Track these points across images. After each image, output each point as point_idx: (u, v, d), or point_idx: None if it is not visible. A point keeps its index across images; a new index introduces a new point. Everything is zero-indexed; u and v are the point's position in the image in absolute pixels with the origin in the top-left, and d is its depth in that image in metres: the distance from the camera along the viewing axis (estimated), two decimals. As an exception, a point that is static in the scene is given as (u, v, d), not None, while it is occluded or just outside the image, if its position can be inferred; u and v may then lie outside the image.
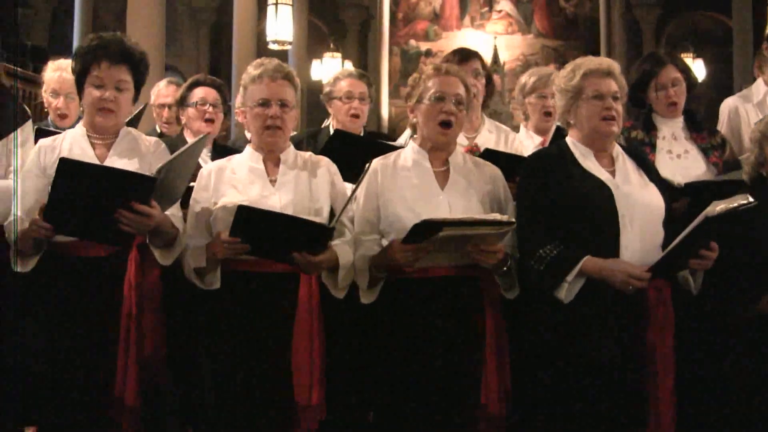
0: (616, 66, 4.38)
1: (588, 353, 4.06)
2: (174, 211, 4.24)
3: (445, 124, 4.27)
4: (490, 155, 4.73)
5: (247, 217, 3.88)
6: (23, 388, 4.37)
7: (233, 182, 4.27)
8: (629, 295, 4.06)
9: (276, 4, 13.46)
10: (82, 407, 4.09)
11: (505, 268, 4.17)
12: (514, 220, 4.04)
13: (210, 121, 5.68)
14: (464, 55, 5.54)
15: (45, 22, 22.16)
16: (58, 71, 5.73)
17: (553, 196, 4.20)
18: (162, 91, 6.99)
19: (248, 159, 4.36)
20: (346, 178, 4.60)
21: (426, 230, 3.88)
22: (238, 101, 5.45)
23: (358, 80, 5.88)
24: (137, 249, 4.13)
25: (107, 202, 3.88)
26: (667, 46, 21.04)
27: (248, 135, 5.44)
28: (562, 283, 4.09)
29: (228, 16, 18.25)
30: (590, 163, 4.29)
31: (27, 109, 4.58)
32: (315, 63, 20.66)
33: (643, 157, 4.54)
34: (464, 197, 4.26)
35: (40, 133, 4.71)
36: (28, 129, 4.66)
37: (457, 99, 4.28)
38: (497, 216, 4.01)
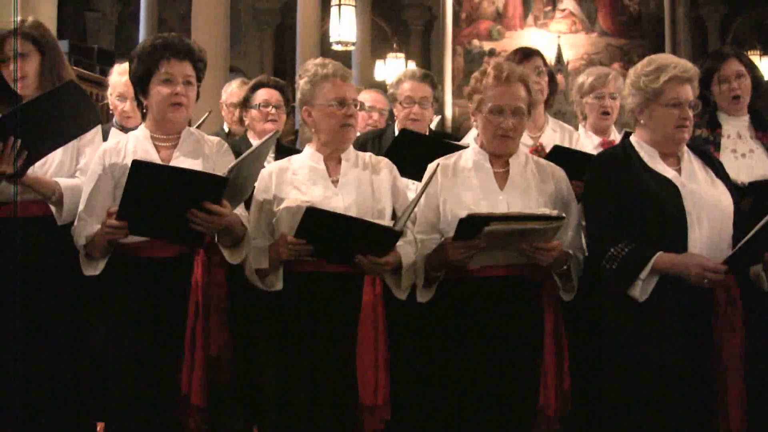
0: (696, 72, 4.30)
1: (655, 354, 4.03)
2: (240, 211, 4.26)
3: (503, 137, 4.26)
4: (559, 152, 4.72)
5: (314, 220, 3.89)
6: (93, 385, 4.44)
7: (295, 183, 4.28)
8: (697, 296, 4.03)
9: (339, 5, 13.51)
10: (149, 405, 4.13)
11: (564, 267, 4.15)
12: (564, 215, 4.01)
13: (273, 122, 5.71)
14: (525, 54, 5.50)
15: (111, 25, 22.42)
16: (124, 75, 5.77)
17: (621, 197, 4.16)
18: (235, 91, 7.05)
19: (309, 159, 4.37)
20: (411, 177, 4.62)
21: (473, 225, 3.88)
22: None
23: (420, 83, 5.85)
24: (204, 250, 4.16)
25: (179, 202, 3.91)
26: (733, 44, 20.77)
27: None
28: (635, 281, 4.05)
29: (292, 17, 18.36)
30: (656, 163, 4.25)
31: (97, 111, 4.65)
32: (378, 63, 20.71)
33: (709, 155, 4.49)
34: (524, 198, 4.24)
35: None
36: (98, 127, 4.73)
37: (516, 111, 4.24)
38: (545, 210, 4.00)
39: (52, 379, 4.49)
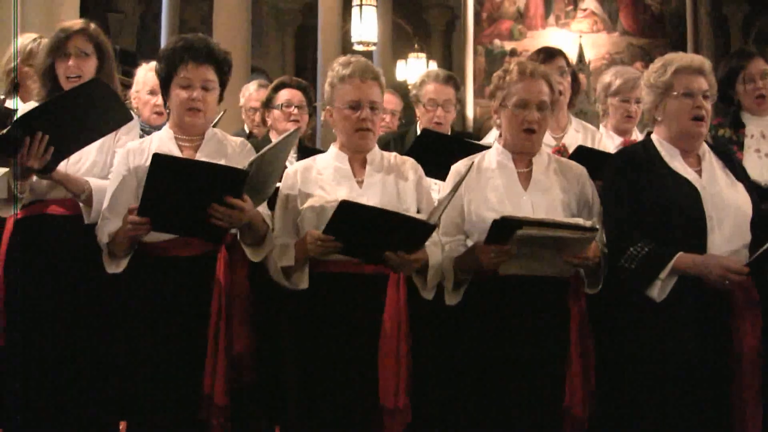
0: (707, 63, 4.32)
1: (674, 354, 4.03)
2: (262, 209, 4.26)
3: (529, 131, 4.26)
4: (582, 153, 4.71)
5: (348, 213, 3.85)
6: (117, 384, 4.45)
7: (320, 183, 4.28)
8: (714, 297, 4.03)
9: (360, 5, 13.52)
10: (171, 405, 4.14)
11: (597, 259, 4.13)
12: (597, 226, 4.01)
13: (295, 122, 5.72)
14: (549, 54, 5.49)
15: (133, 26, 22.46)
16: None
17: (640, 196, 4.17)
18: (252, 94, 7.09)
19: (334, 159, 4.36)
20: (433, 176, 4.62)
21: (506, 228, 3.86)
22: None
23: (444, 85, 5.86)
24: (226, 248, 4.16)
25: (200, 196, 3.90)
26: (756, 43, 20.68)
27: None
28: (655, 281, 4.05)
29: (313, 17, 18.34)
30: (677, 163, 4.25)
31: (132, 110, 4.69)
32: (400, 64, 20.70)
33: (730, 156, 4.48)
34: (547, 198, 4.24)
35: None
36: (135, 128, 4.79)
37: (541, 105, 4.24)
38: (579, 221, 3.98)
39: (76, 377, 4.52)
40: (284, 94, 5.82)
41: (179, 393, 4.14)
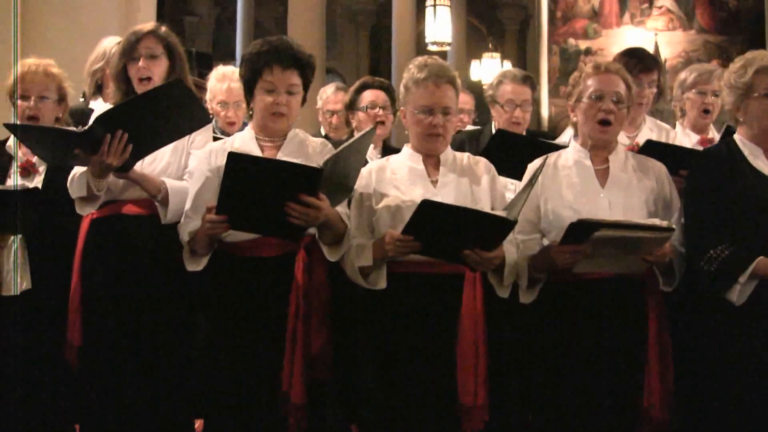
0: None
1: (756, 358, 4.00)
2: (341, 208, 4.26)
3: (604, 123, 4.24)
4: (652, 147, 4.67)
5: (429, 213, 3.83)
6: (193, 383, 4.51)
7: (395, 183, 4.28)
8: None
9: (434, 5, 13.56)
10: (249, 403, 4.18)
11: (668, 259, 4.10)
12: (674, 226, 3.99)
13: (380, 123, 5.71)
14: (646, 66, 5.37)
15: (209, 28, 22.69)
16: (224, 81, 5.85)
17: (723, 196, 4.13)
18: (330, 97, 7.12)
19: (408, 159, 4.36)
20: (508, 176, 4.60)
21: (582, 230, 3.85)
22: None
23: (521, 85, 5.83)
24: (305, 249, 4.18)
25: (276, 194, 3.90)
26: (835, 41, 20.31)
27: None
28: (734, 285, 4.01)
29: (387, 17, 18.40)
30: (760, 162, 4.20)
31: (209, 112, 4.74)
32: (474, 63, 20.68)
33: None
34: (625, 195, 4.22)
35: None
36: (209, 130, 4.82)
37: (617, 97, 4.23)
38: (656, 221, 3.96)
39: (153, 376, 4.60)
40: (368, 96, 5.80)
41: (257, 391, 4.18)
